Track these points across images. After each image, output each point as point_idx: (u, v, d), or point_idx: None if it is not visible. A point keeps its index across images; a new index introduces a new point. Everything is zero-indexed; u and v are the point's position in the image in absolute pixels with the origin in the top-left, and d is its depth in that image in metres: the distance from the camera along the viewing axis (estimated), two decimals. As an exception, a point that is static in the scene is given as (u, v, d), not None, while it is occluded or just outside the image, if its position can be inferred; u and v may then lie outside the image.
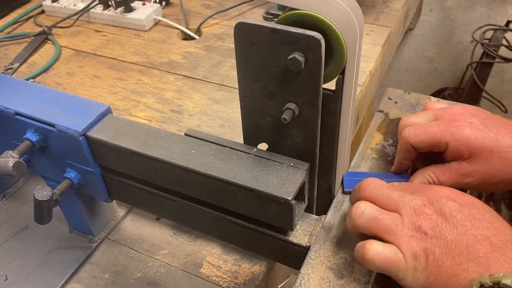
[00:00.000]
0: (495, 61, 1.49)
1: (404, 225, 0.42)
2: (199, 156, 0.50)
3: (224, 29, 1.05)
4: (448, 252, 0.40)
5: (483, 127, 0.50)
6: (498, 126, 0.50)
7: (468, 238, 0.40)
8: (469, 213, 0.41)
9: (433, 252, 0.40)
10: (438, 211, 0.42)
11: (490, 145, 0.49)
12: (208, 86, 0.88)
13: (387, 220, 0.43)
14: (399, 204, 0.43)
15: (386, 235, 0.42)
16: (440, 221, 0.41)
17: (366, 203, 0.44)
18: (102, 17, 1.09)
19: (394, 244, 0.42)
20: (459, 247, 0.40)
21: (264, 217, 0.50)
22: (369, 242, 0.42)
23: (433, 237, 0.41)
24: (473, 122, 0.50)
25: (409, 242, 0.41)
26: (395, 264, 0.41)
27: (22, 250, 0.63)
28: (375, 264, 0.42)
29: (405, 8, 1.11)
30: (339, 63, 0.43)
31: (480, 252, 0.39)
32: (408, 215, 0.42)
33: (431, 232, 0.41)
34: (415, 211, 0.42)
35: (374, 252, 0.42)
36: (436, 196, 0.43)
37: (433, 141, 0.51)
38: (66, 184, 0.55)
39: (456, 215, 0.41)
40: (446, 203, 0.42)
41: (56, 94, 0.57)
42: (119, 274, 0.60)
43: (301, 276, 0.47)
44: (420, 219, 0.42)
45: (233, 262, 0.60)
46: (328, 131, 0.48)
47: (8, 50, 1.03)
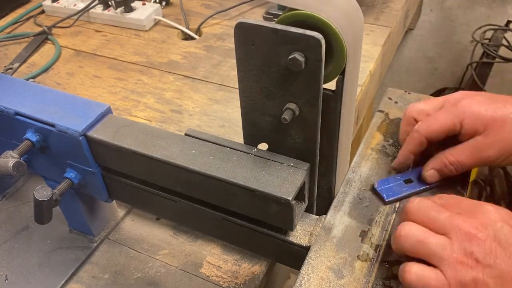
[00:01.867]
0: (495, 61, 1.49)
1: (453, 249, 0.39)
2: (199, 156, 0.50)
3: (224, 29, 1.05)
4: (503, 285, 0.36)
5: (489, 101, 0.49)
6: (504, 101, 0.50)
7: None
8: None
9: (485, 283, 0.37)
10: (492, 237, 0.38)
11: (501, 115, 0.48)
12: (208, 86, 0.88)
13: (434, 243, 0.40)
14: (448, 227, 0.40)
15: (431, 259, 0.40)
16: (494, 248, 0.38)
17: (412, 224, 0.42)
18: (102, 17, 1.09)
19: (440, 269, 0.39)
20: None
21: (264, 217, 0.50)
22: (410, 264, 0.40)
23: (486, 266, 0.37)
24: (479, 98, 0.50)
25: (456, 268, 0.38)
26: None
27: (22, 250, 0.63)
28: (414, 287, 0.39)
29: (405, 8, 1.11)
30: (339, 63, 0.43)
31: None
32: (458, 239, 0.39)
33: (484, 260, 0.37)
34: (466, 235, 0.39)
35: (413, 275, 0.39)
36: (491, 220, 0.39)
37: (448, 127, 0.49)
38: (66, 184, 0.55)
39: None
40: (502, 228, 0.38)
41: (56, 94, 0.57)
42: (119, 274, 0.60)
43: (301, 276, 0.47)
44: (472, 245, 0.38)
45: (233, 262, 0.60)
46: (328, 131, 0.48)
47: (8, 50, 1.03)
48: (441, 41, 1.70)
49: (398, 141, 0.61)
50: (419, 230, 0.41)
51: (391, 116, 0.65)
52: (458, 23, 1.64)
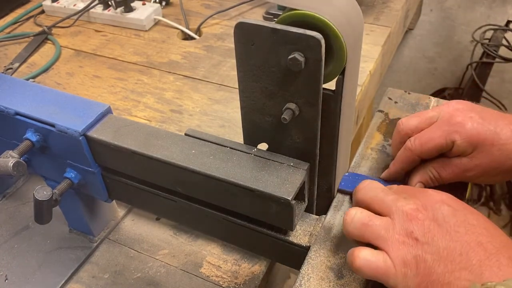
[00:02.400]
0: (495, 61, 1.49)
1: (395, 230, 0.41)
2: (199, 156, 0.50)
3: (224, 29, 1.05)
4: (440, 259, 0.39)
5: (482, 121, 0.49)
6: (496, 119, 0.50)
7: (461, 245, 0.39)
8: (464, 218, 0.40)
9: (424, 259, 0.39)
10: (431, 216, 0.41)
11: (490, 138, 0.49)
12: (208, 86, 0.88)
13: (377, 226, 0.42)
14: (392, 208, 0.42)
15: (377, 241, 0.41)
16: (433, 226, 0.40)
17: (357, 209, 0.44)
18: (102, 17, 1.09)
19: (384, 251, 0.41)
20: (451, 254, 0.38)
21: (264, 217, 0.50)
22: (358, 249, 0.41)
23: (425, 244, 0.39)
24: (473, 117, 0.50)
25: (399, 248, 0.40)
26: (385, 272, 0.40)
27: (22, 250, 0.63)
28: (364, 272, 0.41)
29: (405, 8, 1.11)
30: (339, 63, 0.43)
31: (473, 259, 0.38)
32: (400, 221, 0.41)
33: (422, 238, 0.40)
34: (407, 216, 0.41)
35: (362, 260, 0.41)
36: (431, 201, 0.42)
37: (441, 146, 0.50)
38: (66, 184, 0.55)
39: (450, 220, 0.40)
40: (440, 208, 0.41)
41: (56, 94, 0.57)
42: (119, 274, 0.60)
43: (301, 276, 0.47)
44: (412, 225, 0.40)
45: (233, 262, 0.60)
46: (328, 131, 0.48)
47: (8, 50, 1.03)
48: (441, 41, 1.70)
49: None
50: (363, 214, 0.43)
51: (391, 116, 0.65)
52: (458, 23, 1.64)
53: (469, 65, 1.58)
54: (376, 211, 0.43)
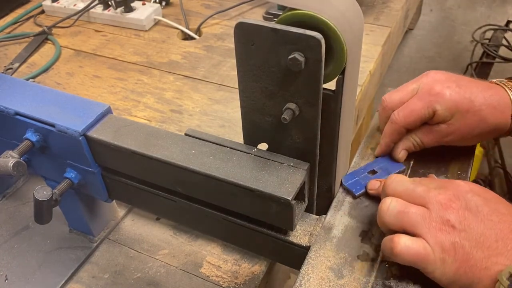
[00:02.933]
0: (495, 61, 1.49)
1: (431, 218, 0.42)
2: (199, 156, 0.50)
3: (224, 29, 1.05)
4: (477, 246, 0.41)
5: (459, 89, 0.53)
6: (471, 87, 0.54)
7: (496, 232, 0.41)
8: (495, 207, 0.42)
9: (462, 246, 0.41)
10: (464, 206, 0.42)
11: (466, 105, 0.53)
12: (208, 86, 0.88)
13: (414, 213, 0.43)
14: (426, 198, 0.44)
15: (414, 229, 0.43)
16: (467, 215, 0.42)
17: (392, 198, 0.45)
18: (102, 17, 1.09)
19: (422, 238, 0.42)
20: (488, 240, 0.41)
21: (264, 217, 0.50)
22: (397, 236, 0.43)
23: (462, 231, 0.41)
24: (450, 86, 0.53)
25: (437, 235, 0.42)
26: (424, 258, 0.41)
27: (22, 250, 0.63)
28: (405, 257, 0.42)
29: (405, 8, 1.11)
30: (339, 63, 0.43)
31: (508, 245, 0.40)
32: (435, 209, 0.43)
33: (459, 226, 0.41)
34: (442, 205, 0.43)
35: (403, 246, 0.42)
36: (461, 191, 0.43)
37: (423, 116, 0.53)
38: (66, 184, 0.55)
39: (483, 209, 0.42)
40: (472, 198, 0.43)
41: (56, 94, 0.57)
42: (119, 274, 0.60)
43: (301, 276, 0.47)
44: (447, 213, 0.42)
45: (233, 262, 0.60)
46: (328, 131, 0.48)
47: (8, 50, 1.03)
48: (441, 41, 1.70)
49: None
50: (399, 202, 0.45)
51: (391, 116, 0.65)
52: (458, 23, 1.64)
53: (469, 65, 1.58)
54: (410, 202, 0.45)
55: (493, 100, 0.53)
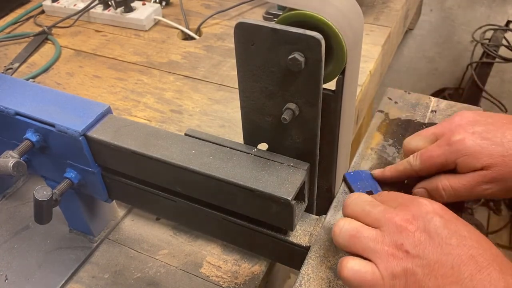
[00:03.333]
0: (495, 61, 1.49)
1: (384, 242, 0.40)
2: (199, 156, 0.50)
3: (224, 29, 1.05)
4: (431, 273, 0.37)
5: (486, 134, 0.48)
6: (503, 128, 0.48)
7: (453, 258, 0.37)
8: (456, 229, 0.39)
9: (414, 273, 0.38)
10: (422, 228, 0.39)
11: (498, 151, 0.47)
12: (208, 86, 0.88)
13: (366, 238, 0.41)
14: (381, 220, 0.41)
15: (365, 253, 0.41)
16: (424, 238, 0.39)
17: (345, 220, 0.43)
18: (102, 17, 1.09)
19: (373, 262, 0.40)
20: (443, 267, 0.37)
21: (264, 217, 0.50)
22: (346, 259, 0.41)
23: (416, 256, 0.38)
24: (475, 132, 0.49)
25: (388, 260, 0.39)
26: (371, 284, 0.39)
27: (22, 250, 0.63)
28: (351, 282, 0.40)
29: (405, 8, 1.11)
30: (339, 63, 0.43)
31: (465, 273, 0.37)
32: (389, 232, 0.40)
33: (413, 251, 0.39)
34: (397, 227, 0.40)
35: (350, 270, 0.40)
36: (422, 211, 0.40)
37: (440, 165, 0.50)
38: (66, 184, 0.55)
39: (442, 232, 0.39)
40: (432, 219, 0.40)
41: (56, 94, 0.57)
42: (119, 274, 0.60)
43: (301, 276, 0.47)
44: (402, 236, 0.39)
45: (233, 262, 0.60)
46: (328, 131, 0.48)
47: (8, 50, 1.03)
48: (441, 41, 1.70)
49: (398, 141, 0.62)
50: (351, 225, 0.42)
51: (391, 116, 0.65)
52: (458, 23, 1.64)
53: (469, 65, 1.58)
54: (367, 223, 0.43)
55: None
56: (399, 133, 0.63)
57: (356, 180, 0.55)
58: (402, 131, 0.63)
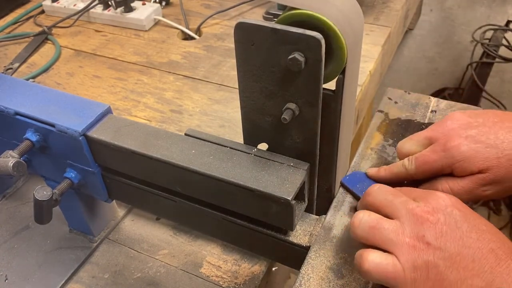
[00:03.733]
0: (495, 61, 1.49)
1: (405, 234, 0.40)
2: (199, 156, 0.50)
3: (224, 29, 1.05)
4: (453, 266, 0.38)
5: (480, 137, 0.48)
6: (495, 128, 0.49)
7: (474, 251, 0.38)
8: (474, 223, 0.39)
9: (436, 265, 0.38)
10: (443, 220, 0.39)
11: (493, 153, 0.47)
12: (208, 86, 0.88)
13: (386, 230, 0.41)
14: (402, 211, 0.41)
15: (385, 245, 0.40)
16: (445, 231, 0.39)
17: (365, 212, 0.43)
18: (102, 17, 1.09)
19: (394, 254, 0.40)
20: (464, 260, 0.37)
21: (264, 217, 0.50)
22: (366, 251, 0.41)
23: (437, 249, 0.38)
24: (468, 136, 0.49)
25: (409, 252, 0.39)
26: (393, 276, 0.39)
27: (22, 250, 0.63)
28: (373, 275, 0.40)
29: (405, 8, 1.11)
30: (339, 63, 0.43)
31: (485, 266, 0.37)
32: (410, 223, 0.40)
33: (434, 243, 0.39)
34: (418, 218, 0.40)
35: (371, 263, 0.40)
36: (442, 204, 0.41)
37: (435, 170, 0.49)
38: (66, 184, 0.55)
39: (462, 225, 0.39)
40: (452, 212, 0.40)
41: (56, 94, 0.57)
42: (119, 274, 0.60)
43: (301, 276, 0.47)
44: (423, 228, 0.39)
45: (233, 262, 0.60)
46: (328, 131, 0.48)
47: (8, 50, 1.03)
48: (441, 41, 1.70)
49: (397, 141, 0.61)
50: (371, 217, 0.42)
51: (390, 116, 0.65)
52: (458, 23, 1.64)
53: (469, 65, 1.58)
54: (386, 214, 0.42)
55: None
56: (399, 133, 0.63)
57: (354, 183, 0.55)
58: (402, 131, 0.63)
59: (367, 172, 0.56)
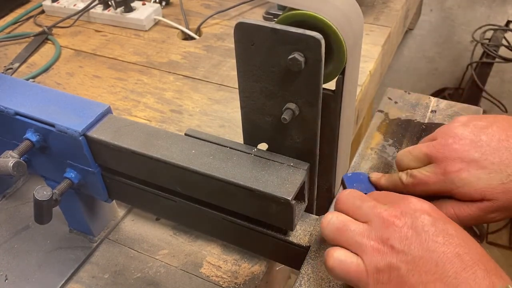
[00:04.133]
0: (495, 61, 1.49)
1: (370, 237, 0.40)
2: (199, 156, 0.50)
3: (224, 29, 1.05)
4: (415, 269, 0.37)
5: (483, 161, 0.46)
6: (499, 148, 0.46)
7: (438, 255, 0.37)
8: (443, 227, 0.39)
9: (397, 268, 0.38)
10: (409, 224, 0.39)
11: (497, 179, 0.46)
12: (208, 86, 0.88)
13: (352, 231, 0.41)
14: (370, 215, 0.42)
15: (351, 247, 0.41)
16: (410, 234, 0.39)
17: (333, 214, 0.43)
18: (102, 17, 1.09)
19: (359, 256, 0.40)
20: (427, 264, 0.37)
21: (264, 217, 0.50)
22: (333, 249, 0.41)
23: (400, 252, 0.38)
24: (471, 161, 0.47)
25: (373, 255, 0.39)
26: (355, 276, 0.40)
27: (22, 250, 0.63)
28: (336, 272, 0.41)
29: (405, 8, 1.11)
30: (339, 63, 0.43)
31: (449, 271, 0.36)
32: (376, 227, 0.40)
33: (398, 246, 0.39)
34: (384, 222, 0.40)
35: (335, 260, 0.40)
36: (411, 209, 0.41)
37: (433, 191, 0.49)
38: (66, 184, 0.55)
39: (429, 229, 0.39)
40: (420, 216, 0.40)
41: (56, 94, 0.57)
42: (119, 274, 0.60)
43: (301, 276, 0.47)
44: (388, 231, 0.40)
45: (233, 262, 0.60)
46: (328, 131, 0.48)
47: (8, 50, 1.03)
48: (441, 41, 1.70)
49: (397, 141, 0.62)
50: (339, 218, 0.43)
51: (391, 116, 0.65)
52: (458, 23, 1.64)
53: (469, 65, 1.58)
54: (357, 219, 0.43)
55: None
56: (399, 133, 0.63)
57: (352, 182, 0.55)
58: (402, 131, 0.63)
59: (370, 176, 0.55)
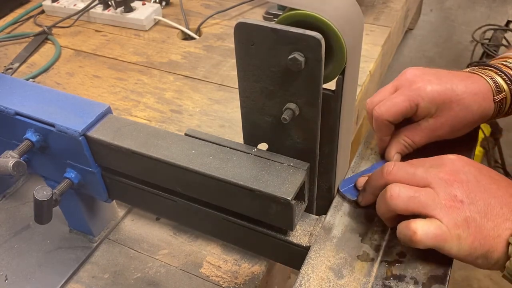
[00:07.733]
0: (495, 61, 1.49)
1: (440, 197, 0.43)
2: (199, 156, 0.50)
3: (224, 29, 1.05)
4: (487, 216, 0.42)
5: (439, 81, 0.53)
6: (451, 78, 0.54)
7: (499, 200, 0.43)
8: (489, 175, 0.44)
9: (474, 219, 0.42)
10: (465, 179, 0.44)
11: (449, 95, 0.52)
12: (208, 86, 0.88)
13: (424, 196, 0.44)
14: (428, 178, 0.45)
15: (426, 211, 0.43)
16: (471, 187, 0.43)
17: (398, 185, 0.45)
18: (102, 17, 1.09)
19: (436, 218, 0.43)
20: (494, 209, 0.42)
21: (264, 217, 0.50)
22: (413, 222, 0.43)
23: (470, 204, 0.43)
24: (431, 79, 0.53)
25: (449, 213, 0.43)
26: (442, 238, 0.42)
27: (22, 250, 0.63)
28: (425, 242, 0.43)
29: (405, 8, 1.12)
30: (339, 63, 0.43)
31: None
32: (441, 188, 0.44)
33: (467, 200, 0.43)
34: (446, 182, 0.44)
35: (421, 232, 0.42)
36: (457, 166, 0.45)
37: (405, 109, 0.53)
38: (66, 184, 0.55)
39: (482, 179, 0.44)
40: (470, 170, 0.44)
41: (56, 94, 0.57)
42: (119, 274, 0.60)
43: (301, 276, 0.47)
44: (453, 189, 0.43)
45: (233, 262, 0.60)
46: (328, 131, 0.48)
47: (8, 50, 1.03)
48: (441, 41, 1.70)
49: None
50: (406, 188, 0.45)
51: (391, 116, 0.65)
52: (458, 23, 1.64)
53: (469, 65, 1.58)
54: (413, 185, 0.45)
55: (474, 88, 0.53)
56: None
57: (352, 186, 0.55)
58: (402, 131, 0.63)
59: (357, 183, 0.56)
